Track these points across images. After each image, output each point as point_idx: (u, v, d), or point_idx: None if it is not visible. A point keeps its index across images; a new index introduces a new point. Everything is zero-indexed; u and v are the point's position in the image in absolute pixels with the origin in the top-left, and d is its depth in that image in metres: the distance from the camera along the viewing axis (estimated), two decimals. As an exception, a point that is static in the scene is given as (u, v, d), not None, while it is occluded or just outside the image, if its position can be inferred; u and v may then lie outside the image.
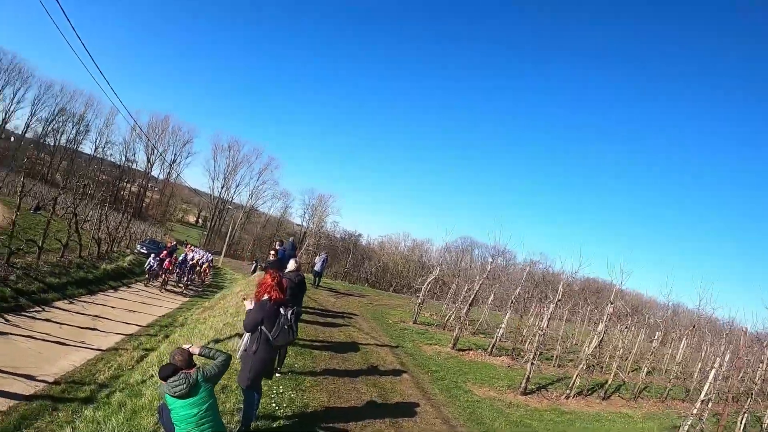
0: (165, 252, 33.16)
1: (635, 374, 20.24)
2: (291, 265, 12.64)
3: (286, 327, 7.91)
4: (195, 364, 6.73)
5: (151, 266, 31.68)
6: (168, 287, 32.82)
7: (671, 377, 20.46)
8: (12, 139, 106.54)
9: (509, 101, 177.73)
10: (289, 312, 7.96)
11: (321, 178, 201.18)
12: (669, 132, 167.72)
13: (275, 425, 8.74)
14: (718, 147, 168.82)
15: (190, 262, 37.68)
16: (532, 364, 15.07)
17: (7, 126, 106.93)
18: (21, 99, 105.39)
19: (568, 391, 15.53)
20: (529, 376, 15.04)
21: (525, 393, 14.88)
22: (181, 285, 35.08)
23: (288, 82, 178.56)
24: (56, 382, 12.21)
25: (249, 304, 8.29)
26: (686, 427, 11.47)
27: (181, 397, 6.29)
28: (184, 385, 6.27)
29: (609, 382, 17.09)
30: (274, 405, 9.48)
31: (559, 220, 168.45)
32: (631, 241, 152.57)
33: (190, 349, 6.95)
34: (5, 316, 15.56)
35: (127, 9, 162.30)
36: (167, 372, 6.47)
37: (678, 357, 24.74)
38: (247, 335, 8.68)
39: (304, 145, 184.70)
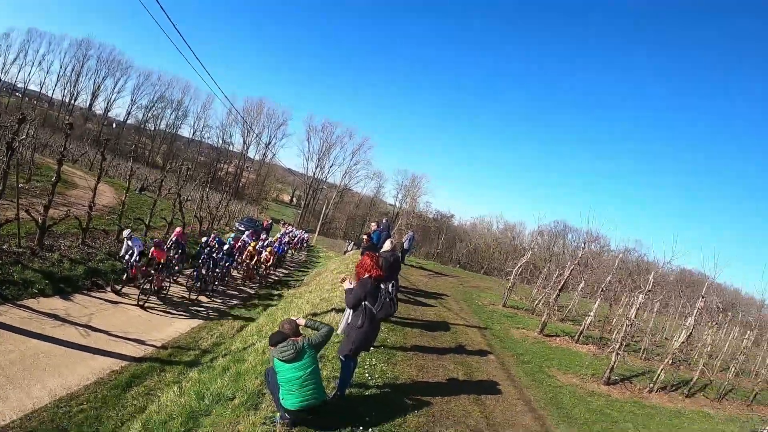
0: (179, 232, 21.54)
1: (723, 374, 20.00)
2: (387, 245, 13.39)
3: (387, 300, 8.57)
4: (301, 334, 7.59)
5: (132, 255, 17.70)
6: (169, 294, 18.97)
7: (758, 381, 20.10)
8: (114, 125, 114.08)
9: (604, 86, 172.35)
10: (390, 285, 8.67)
11: (414, 159, 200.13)
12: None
13: (367, 393, 9.47)
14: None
15: (233, 247, 24.65)
16: (617, 354, 15.24)
17: (109, 114, 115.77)
18: (121, 89, 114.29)
19: (651, 385, 15.58)
20: (613, 366, 15.21)
21: (608, 383, 15.08)
22: (198, 290, 20.39)
23: (381, 64, 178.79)
24: (163, 347, 13.50)
25: (348, 284, 8.94)
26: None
27: (288, 361, 7.12)
28: (292, 351, 7.11)
29: (695, 379, 17.03)
30: (367, 375, 10.21)
31: (657, 208, 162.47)
32: (732, 234, 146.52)
33: (297, 321, 7.83)
34: (117, 287, 16.80)
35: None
36: (277, 339, 7.36)
37: (768, 359, 24.23)
38: (348, 312, 9.49)
39: (397, 126, 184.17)
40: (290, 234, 47.91)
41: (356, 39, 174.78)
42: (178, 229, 22.42)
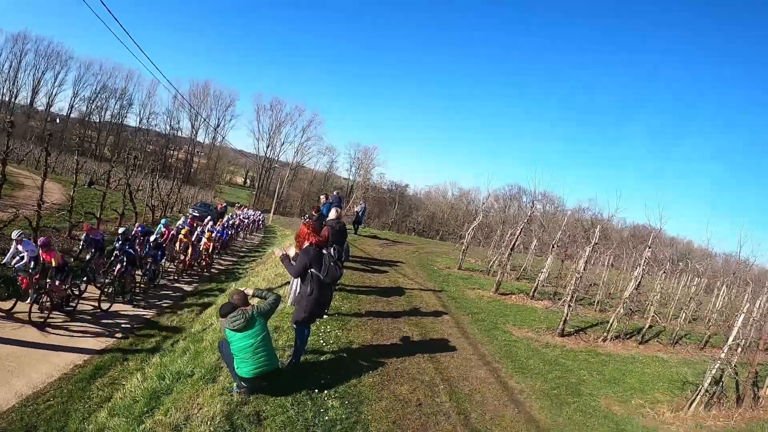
0: (87, 227, 18.05)
1: (676, 321, 20.59)
2: (332, 214, 13.55)
3: (332, 264, 8.77)
4: (250, 304, 7.82)
5: (22, 259, 14.11)
6: (80, 304, 14.84)
7: (710, 325, 20.70)
8: (57, 120, 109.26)
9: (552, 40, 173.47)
10: (332, 250, 8.91)
11: (366, 132, 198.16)
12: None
13: (323, 358, 9.68)
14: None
15: (164, 236, 21.57)
16: (569, 306, 15.64)
17: (52, 109, 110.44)
18: (62, 81, 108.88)
19: (605, 334, 15.99)
20: (566, 318, 15.60)
21: (562, 335, 15.48)
22: (114, 297, 15.78)
23: (325, 37, 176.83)
24: (124, 337, 13.35)
25: (292, 252, 9.23)
26: (713, 371, 11.83)
27: (239, 330, 7.33)
28: (242, 320, 7.32)
29: (647, 326, 17.48)
30: (321, 342, 10.42)
31: (609, 167, 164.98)
32: (678, 189, 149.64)
33: (245, 291, 8.08)
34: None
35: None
36: (227, 309, 7.56)
37: (718, 305, 24.87)
38: (295, 282, 9.71)
39: (347, 100, 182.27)
40: (242, 215, 45.14)
41: (298, 13, 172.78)
42: (85, 224, 18.61)
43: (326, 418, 7.34)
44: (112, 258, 16.86)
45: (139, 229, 20.17)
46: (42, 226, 19.30)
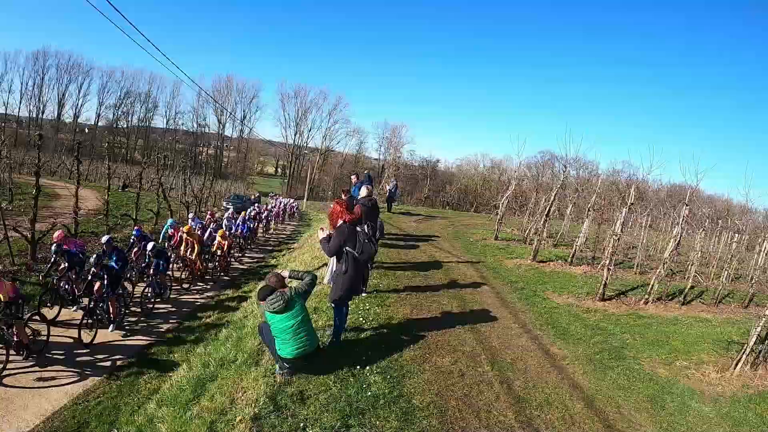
0: (59, 236, 14.26)
1: (718, 280, 20.27)
2: (362, 192, 13.61)
3: (366, 241, 8.82)
4: (287, 285, 7.90)
5: None
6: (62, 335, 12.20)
7: (753, 282, 20.35)
8: (86, 130, 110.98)
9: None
10: (365, 227, 8.97)
11: (392, 111, 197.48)
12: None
13: (363, 336, 9.77)
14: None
15: (170, 240, 20.14)
16: (608, 269, 15.50)
17: (79, 120, 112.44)
18: (87, 92, 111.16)
19: (646, 297, 15.77)
20: (605, 282, 15.43)
21: (603, 299, 15.31)
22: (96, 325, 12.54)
23: (342, 15, 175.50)
24: (168, 331, 13.66)
25: (322, 233, 9.20)
26: (758, 329, 11.61)
27: (278, 312, 7.40)
28: (281, 301, 7.39)
29: (688, 287, 17.24)
30: (361, 319, 10.54)
31: (643, 127, 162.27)
32: (714, 144, 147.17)
33: (282, 273, 8.12)
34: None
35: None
36: (265, 292, 7.62)
37: (761, 261, 24.42)
38: (332, 262, 9.79)
39: (370, 80, 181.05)
40: (272, 203, 44.11)
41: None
42: (57, 232, 14.71)
43: (369, 393, 7.40)
44: (90, 275, 13.11)
45: (135, 233, 18.15)
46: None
